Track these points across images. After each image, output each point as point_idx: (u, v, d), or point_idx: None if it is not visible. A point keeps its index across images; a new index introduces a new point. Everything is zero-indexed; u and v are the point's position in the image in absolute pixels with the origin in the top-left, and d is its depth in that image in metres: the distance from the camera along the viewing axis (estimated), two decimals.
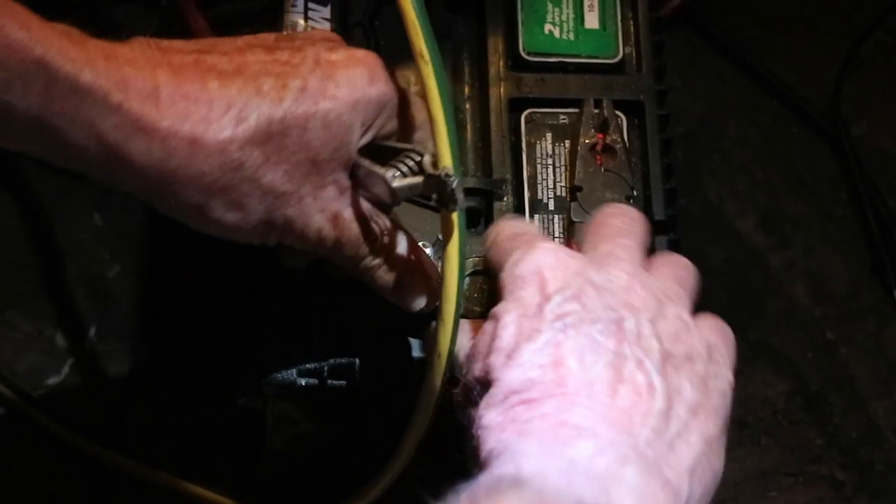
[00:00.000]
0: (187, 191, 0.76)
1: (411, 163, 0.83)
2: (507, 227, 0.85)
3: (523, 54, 0.97)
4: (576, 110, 0.96)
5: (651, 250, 0.93)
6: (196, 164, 0.75)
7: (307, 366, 0.90)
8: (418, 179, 0.81)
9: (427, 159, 0.81)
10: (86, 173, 0.75)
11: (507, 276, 0.79)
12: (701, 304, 1.20)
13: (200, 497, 1.04)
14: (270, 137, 0.76)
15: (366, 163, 0.81)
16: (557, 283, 0.76)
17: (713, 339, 0.79)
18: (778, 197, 1.31)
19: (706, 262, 1.26)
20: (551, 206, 0.93)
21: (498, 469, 0.69)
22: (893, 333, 1.25)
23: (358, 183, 0.82)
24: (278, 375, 0.90)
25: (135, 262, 1.20)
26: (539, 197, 0.94)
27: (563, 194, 0.94)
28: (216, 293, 1.14)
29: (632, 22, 1.00)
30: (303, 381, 0.90)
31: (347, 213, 0.82)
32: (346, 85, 0.78)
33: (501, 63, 0.98)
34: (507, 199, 0.94)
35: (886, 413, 1.21)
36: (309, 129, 0.77)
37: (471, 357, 0.77)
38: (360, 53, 0.81)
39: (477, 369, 0.76)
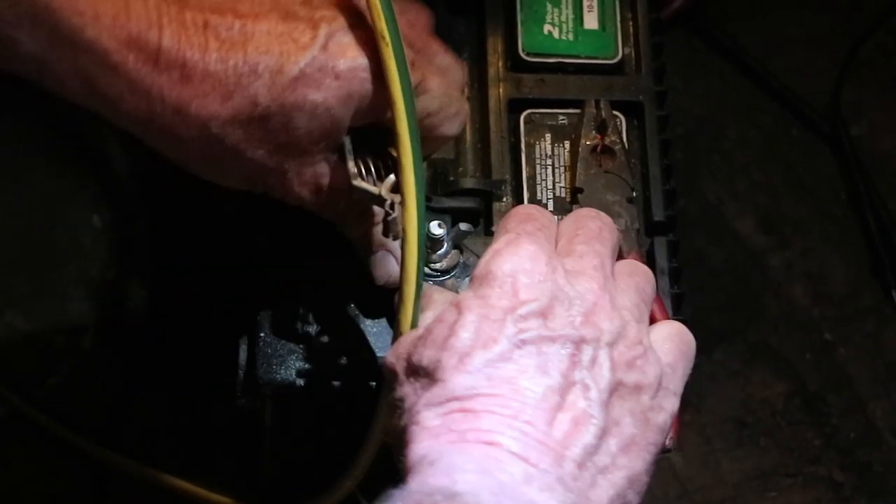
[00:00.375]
0: (168, 148, 0.78)
1: (382, 168, 0.83)
2: (521, 208, 0.83)
3: (522, 55, 0.97)
4: (575, 111, 0.96)
5: (650, 252, 0.93)
6: (178, 129, 0.76)
7: (306, 366, 0.90)
8: (374, 190, 0.81)
9: (391, 178, 0.81)
10: None
11: (481, 267, 0.77)
12: (700, 305, 1.22)
13: (200, 497, 1.04)
14: (253, 120, 0.77)
15: (347, 147, 0.81)
16: (528, 294, 0.74)
17: (671, 359, 0.77)
18: (777, 198, 1.31)
19: (705, 263, 1.26)
20: (550, 207, 0.93)
21: (432, 478, 0.68)
22: (892, 334, 1.25)
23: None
24: (277, 376, 0.90)
25: (134, 264, 1.20)
26: (538, 197, 0.94)
27: (563, 195, 0.94)
28: (215, 294, 1.14)
29: (631, 23, 1.00)
30: (301, 382, 0.90)
31: (333, 183, 0.82)
32: (346, 77, 0.77)
33: (501, 63, 0.98)
34: (507, 200, 0.94)
35: (885, 414, 1.21)
36: (294, 119, 0.77)
37: (423, 340, 0.75)
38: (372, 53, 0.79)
39: (426, 358, 0.74)
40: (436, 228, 0.89)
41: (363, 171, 0.82)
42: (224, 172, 0.81)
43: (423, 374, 0.73)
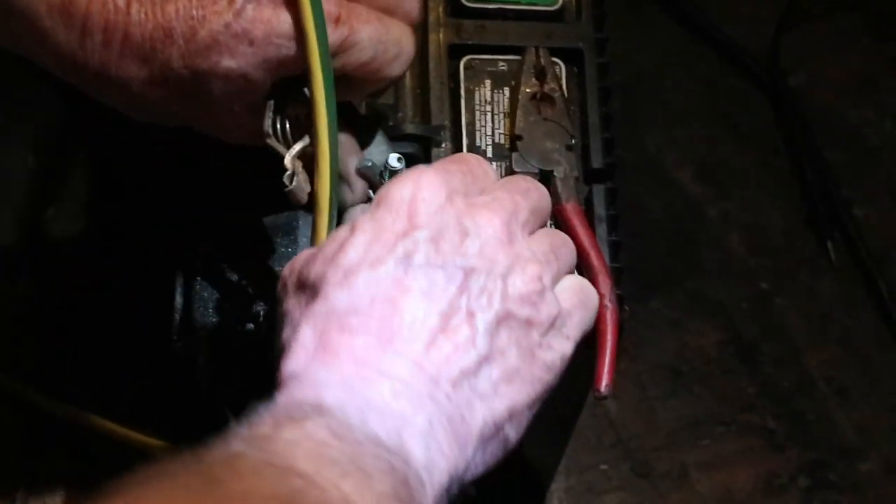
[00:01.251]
0: (95, 96, 0.80)
1: (298, 124, 0.82)
2: (461, 154, 0.83)
3: (463, 0, 0.97)
4: (515, 58, 0.96)
5: (589, 199, 0.93)
6: (101, 88, 0.78)
7: (240, 310, 0.90)
8: (280, 151, 0.81)
9: (297, 146, 0.80)
10: None
11: (381, 190, 0.77)
12: (638, 254, 1.22)
13: (133, 440, 1.03)
14: (168, 82, 0.77)
15: (269, 105, 0.81)
16: (422, 219, 0.74)
17: (569, 306, 0.77)
18: (715, 148, 1.31)
19: (644, 213, 1.27)
20: (489, 153, 0.93)
21: (298, 393, 0.68)
22: (827, 285, 1.26)
23: None
24: (213, 319, 0.89)
25: (71, 204, 1.19)
26: (477, 144, 0.94)
27: (502, 141, 0.94)
28: (155, 235, 1.13)
29: None
30: (239, 326, 0.90)
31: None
32: (261, 43, 0.76)
33: (441, 9, 0.97)
34: (446, 146, 0.93)
35: (818, 363, 1.22)
36: (209, 84, 0.77)
37: (315, 256, 0.74)
38: (288, 10, 0.77)
39: (313, 272, 0.73)
40: (395, 161, 0.88)
41: (279, 128, 0.82)
42: (155, 119, 0.81)
43: (309, 288, 0.73)
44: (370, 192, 0.88)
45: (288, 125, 0.82)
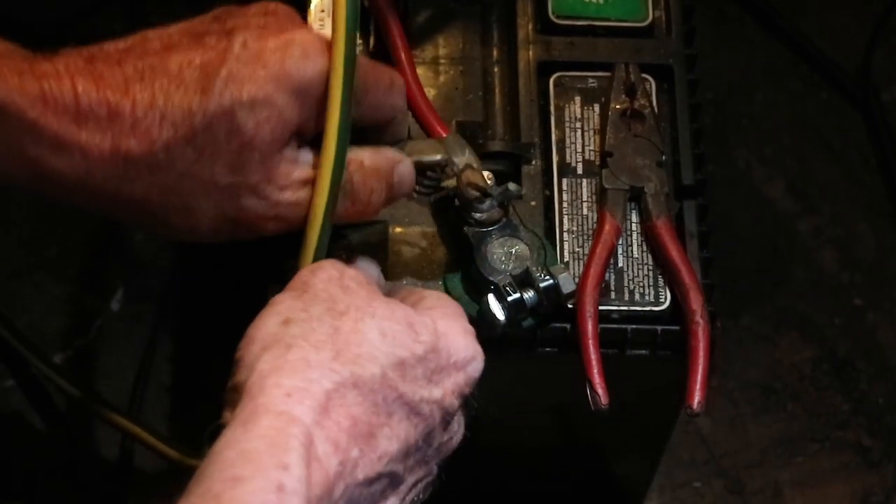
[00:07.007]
0: (122, 203, 0.74)
1: None
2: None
3: (552, 17, 0.97)
4: (605, 74, 0.96)
5: (679, 216, 0.93)
6: (122, 173, 0.73)
7: None
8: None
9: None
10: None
11: (303, 272, 0.76)
12: (728, 270, 1.21)
13: None
14: (197, 132, 0.73)
15: None
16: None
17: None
18: (806, 163, 1.31)
19: (733, 228, 1.26)
20: (580, 170, 0.93)
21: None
22: None
23: None
24: None
25: None
26: (568, 161, 0.94)
27: (592, 158, 0.94)
28: (242, 256, 1.14)
29: None
30: None
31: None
32: (276, 64, 0.74)
33: (530, 26, 0.97)
34: (536, 163, 0.93)
35: None
36: (237, 116, 0.73)
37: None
38: (297, 36, 0.76)
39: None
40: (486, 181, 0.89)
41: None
42: (193, 212, 0.76)
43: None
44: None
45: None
